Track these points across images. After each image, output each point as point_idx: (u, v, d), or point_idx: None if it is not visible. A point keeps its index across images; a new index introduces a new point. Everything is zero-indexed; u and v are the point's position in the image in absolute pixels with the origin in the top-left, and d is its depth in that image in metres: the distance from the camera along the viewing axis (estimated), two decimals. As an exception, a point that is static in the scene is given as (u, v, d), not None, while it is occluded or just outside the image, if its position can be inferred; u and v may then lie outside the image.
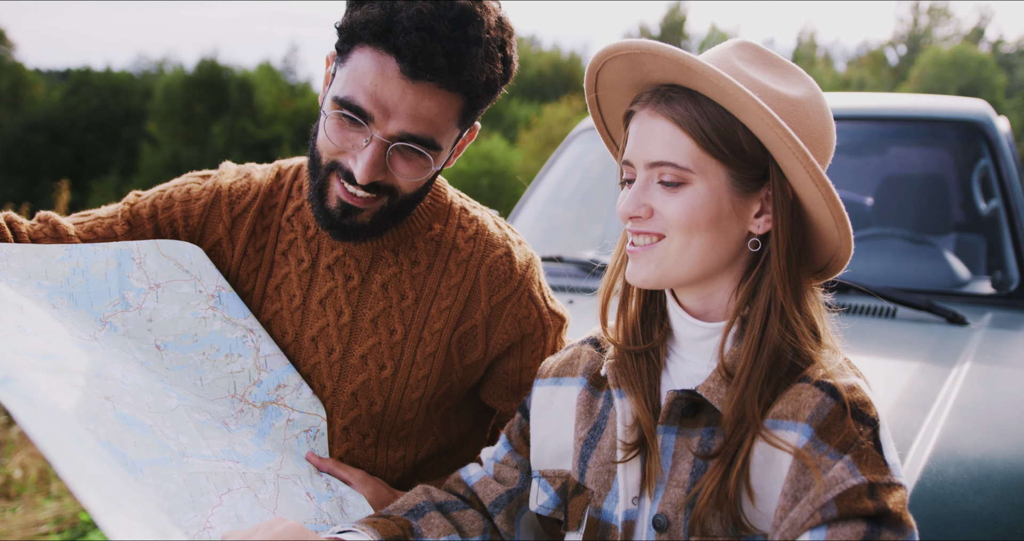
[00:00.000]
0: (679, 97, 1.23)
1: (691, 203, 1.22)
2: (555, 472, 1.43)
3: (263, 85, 39.79)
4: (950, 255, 3.22)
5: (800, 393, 1.20)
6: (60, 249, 1.51)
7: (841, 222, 1.21)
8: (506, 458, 1.53)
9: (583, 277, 3.17)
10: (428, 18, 1.36)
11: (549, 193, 3.77)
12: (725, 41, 1.33)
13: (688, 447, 1.26)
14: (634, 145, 1.27)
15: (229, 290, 1.58)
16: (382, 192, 1.48)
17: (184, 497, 1.32)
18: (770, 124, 1.17)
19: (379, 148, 1.42)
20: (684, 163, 1.22)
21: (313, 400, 1.59)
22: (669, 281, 1.28)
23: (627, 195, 1.27)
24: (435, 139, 1.44)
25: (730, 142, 1.21)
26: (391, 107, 1.39)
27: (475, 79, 1.41)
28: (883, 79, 49.02)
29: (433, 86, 1.39)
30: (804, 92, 1.27)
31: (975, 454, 1.79)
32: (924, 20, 56.27)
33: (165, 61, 46.86)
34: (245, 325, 1.57)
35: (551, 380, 1.49)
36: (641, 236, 1.27)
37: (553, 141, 31.11)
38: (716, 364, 1.28)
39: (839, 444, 1.15)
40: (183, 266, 1.55)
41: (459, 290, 1.62)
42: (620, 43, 1.25)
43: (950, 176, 3.63)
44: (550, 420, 1.46)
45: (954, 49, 46.37)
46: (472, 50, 1.39)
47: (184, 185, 1.67)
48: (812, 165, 1.17)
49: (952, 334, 2.51)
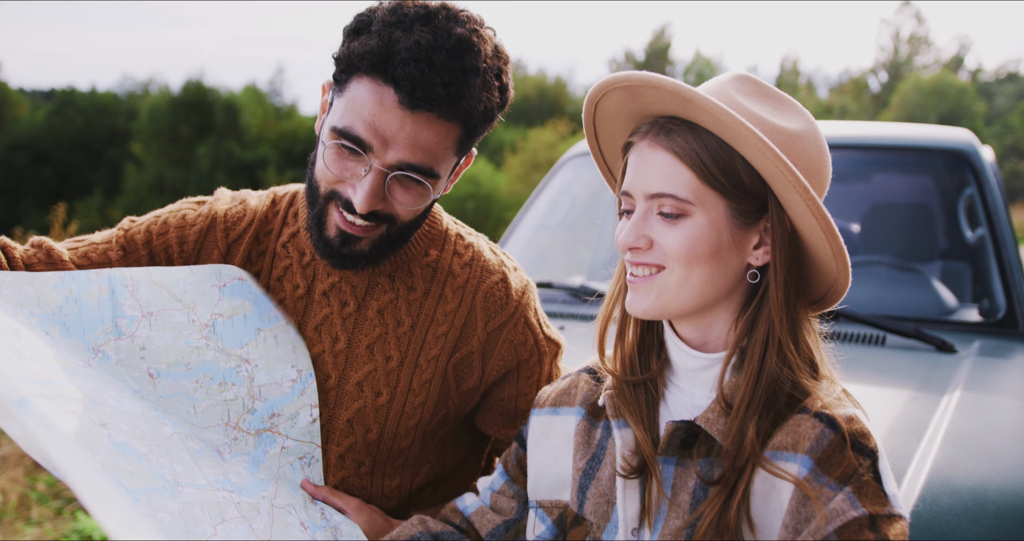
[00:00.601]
0: (679, 129, 1.24)
1: (691, 235, 1.23)
2: (552, 502, 1.42)
3: (249, 107, 39.78)
4: (937, 282, 3.24)
5: (799, 424, 1.21)
6: (53, 277, 1.49)
7: (839, 254, 1.22)
8: (503, 488, 1.52)
9: (573, 303, 3.17)
10: (426, 49, 1.37)
11: (539, 219, 3.78)
12: (722, 74, 1.34)
13: (687, 478, 1.26)
14: (633, 176, 1.28)
15: (227, 317, 1.56)
16: (381, 221, 1.49)
17: (179, 527, 1.30)
18: (770, 157, 1.18)
19: (378, 177, 1.43)
20: (684, 195, 1.23)
21: (308, 428, 1.58)
22: (669, 312, 1.28)
23: (626, 226, 1.28)
24: (433, 168, 1.45)
25: (730, 174, 1.22)
26: (390, 137, 1.40)
27: (473, 108, 1.42)
28: (865, 106, 49.58)
29: (431, 116, 1.40)
30: (801, 125, 1.28)
31: (969, 483, 1.79)
32: (905, 48, 57.06)
33: (151, 82, 46.83)
34: (240, 355, 1.55)
35: (548, 410, 1.48)
36: (641, 267, 1.28)
37: (538, 165, 31.22)
38: (715, 395, 1.28)
39: (839, 476, 1.15)
40: (176, 295, 1.54)
41: (455, 316, 1.62)
42: (621, 75, 1.26)
43: (935, 204, 3.66)
44: (547, 450, 1.45)
45: (934, 77, 47.00)
46: (470, 80, 1.40)
47: (179, 211, 1.67)
48: (812, 198, 1.18)
49: (941, 362, 2.53)
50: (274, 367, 1.57)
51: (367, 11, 1.46)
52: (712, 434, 1.24)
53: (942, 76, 46.99)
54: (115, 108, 42.52)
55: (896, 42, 57.11)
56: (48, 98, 49.41)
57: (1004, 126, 45.13)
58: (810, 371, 1.26)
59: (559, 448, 1.44)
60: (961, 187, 3.46)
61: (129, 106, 42.58)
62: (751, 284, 1.29)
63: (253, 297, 1.57)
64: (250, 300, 1.56)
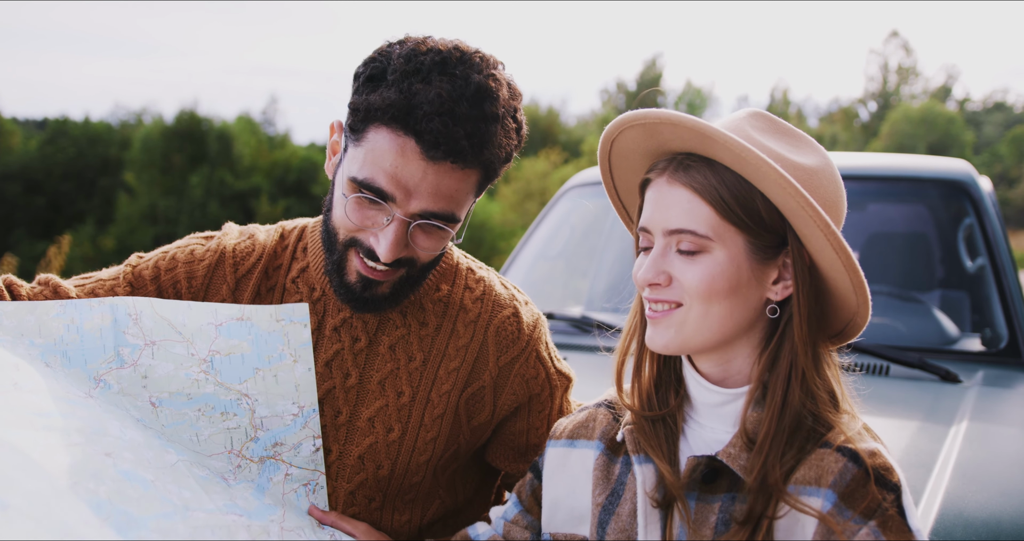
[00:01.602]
0: (697, 165, 1.24)
1: (710, 271, 1.23)
2: (567, 536, 1.41)
3: (242, 136, 39.87)
4: (938, 312, 3.25)
5: (822, 458, 1.20)
6: (55, 305, 1.48)
7: (860, 288, 1.22)
8: (516, 518, 1.51)
9: (575, 334, 3.16)
10: (448, 101, 1.37)
11: (538, 249, 3.79)
12: (737, 112, 1.35)
13: (709, 513, 1.25)
14: (652, 212, 1.28)
15: (224, 355, 1.54)
16: (402, 265, 1.49)
17: None
18: (791, 193, 1.18)
19: (401, 227, 1.43)
20: (703, 231, 1.23)
21: (312, 457, 1.57)
22: (689, 348, 1.28)
23: (645, 262, 1.27)
24: (455, 213, 1.46)
25: (749, 210, 1.23)
26: (412, 187, 1.40)
27: (495, 155, 1.44)
28: (855, 135, 50.03)
29: (454, 166, 1.40)
30: (817, 161, 1.29)
31: (982, 515, 1.78)
32: (893, 78, 57.68)
33: (144, 111, 46.89)
34: (240, 390, 1.54)
35: (565, 442, 1.47)
36: (660, 303, 1.27)
37: (531, 194, 31.35)
38: (735, 429, 1.28)
39: (863, 510, 1.15)
40: (176, 327, 1.53)
41: (467, 351, 1.61)
42: (639, 112, 1.27)
43: (932, 234, 3.68)
44: (564, 482, 1.44)
45: (923, 106, 47.50)
46: (491, 128, 1.41)
47: (187, 246, 1.66)
48: (832, 232, 1.19)
49: (946, 392, 2.52)
50: (275, 403, 1.56)
51: (379, 57, 1.44)
52: (735, 469, 1.23)
53: (930, 106, 47.50)
54: (108, 137, 42.56)
55: (884, 72, 57.76)
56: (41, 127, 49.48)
57: (992, 155, 45.58)
58: (831, 405, 1.25)
59: (576, 481, 1.42)
60: (959, 217, 3.47)
61: (122, 135, 42.63)
62: (771, 318, 1.28)
63: (253, 338, 1.54)
64: (248, 341, 1.54)
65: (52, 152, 40.74)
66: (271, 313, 1.55)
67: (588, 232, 4.03)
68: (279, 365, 1.55)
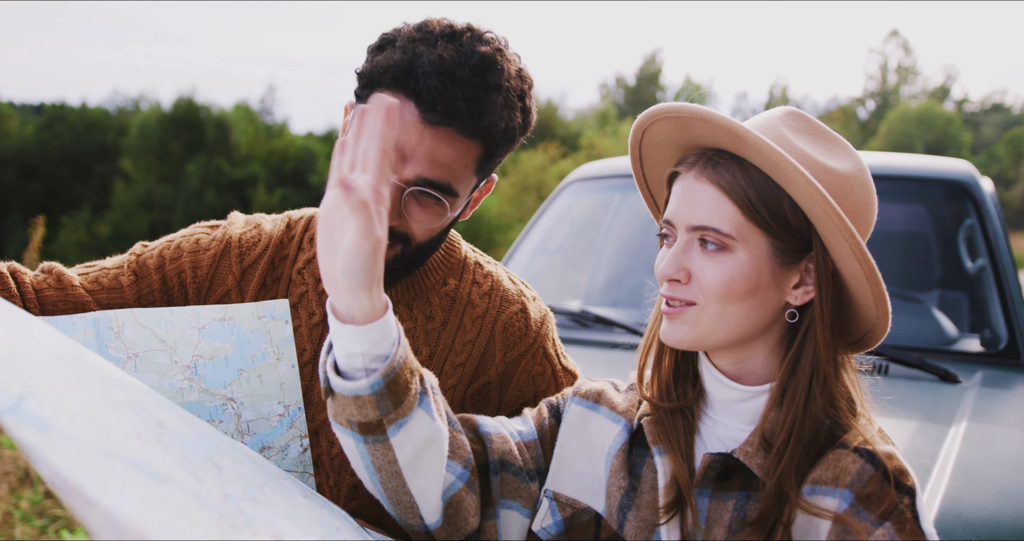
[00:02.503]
0: (727, 163, 1.23)
1: (730, 271, 1.22)
2: (570, 501, 1.39)
3: (239, 124, 39.78)
4: (938, 312, 3.25)
5: (839, 459, 1.20)
6: (38, 321, 1.46)
7: (881, 300, 1.22)
8: (530, 444, 1.43)
9: (574, 328, 3.16)
10: (449, 64, 1.37)
11: (538, 243, 3.78)
12: (774, 109, 1.33)
13: (723, 512, 1.25)
14: (677, 206, 1.27)
15: (208, 359, 1.51)
16: (396, 239, 1.47)
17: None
18: (818, 200, 1.17)
19: (395, 192, 1.41)
20: (727, 230, 1.21)
21: (300, 458, 1.56)
22: (705, 345, 1.27)
23: (667, 256, 1.26)
24: (452, 185, 1.43)
25: (775, 213, 1.21)
26: (408, 152, 1.39)
27: (494, 126, 1.41)
28: (853, 134, 50.04)
29: (452, 131, 1.39)
30: (850, 166, 1.27)
31: (981, 516, 1.78)
32: (892, 78, 57.71)
33: (141, 98, 46.75)
34: (224, 394, 1.52)
35: (589, 403, 1.44)
36: (675, 300, 1.27)
37: (529, 188, 31.35)
38: (750, 427, 1.28)
39: (880, 512, 1.15)
40: (159, 335, 1.51)
41: (474, 346, 1.60)
42: (673, 105, 1.26)
43: (932, 234, 3.68)
44: (579, 446, 1.42)
45: (921, 106, 47.58)
46: (492, 97, 1.39)
47: (192, 235, 1.64)
48: (858, 244, 1.18)
49: (945, 392, 2.52)
50: (260, 404, 1.54)
51: (393, 30, 1.46)
52: (751, 468, 1.23)
53: (929, 106, 47.58)
54: (105, 124, 42.44)
55: (884, 71, 57.78)
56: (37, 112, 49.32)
57: (990, 156, 45.65)
58: (849, 410, 1.25)
59: (592, 451, 1.40)
60: (961, 218, 3.47)
61: (119, 122, 42.50)
62: (790, 322, 1.28)
63: (236, 338, 1.52)
64: (231, 341, 1.52)
65: (48, 137, 40.62)
66: (252, 311, 1.52)
67: (588, 226, 4.03)
68: (263, 364, 1.54)
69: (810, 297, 1.25)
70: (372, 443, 1.22)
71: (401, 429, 1.21)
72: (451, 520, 1.33)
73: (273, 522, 1.04)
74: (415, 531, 1.35)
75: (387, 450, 1.22)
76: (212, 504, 0.94)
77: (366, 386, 1.16)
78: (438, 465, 1.28)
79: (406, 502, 1.29)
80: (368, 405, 1.18)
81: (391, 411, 1.19)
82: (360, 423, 1.20)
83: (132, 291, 1.57)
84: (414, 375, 1.22)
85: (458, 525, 1.34)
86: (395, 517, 1.33)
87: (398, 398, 1.19)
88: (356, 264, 1.12)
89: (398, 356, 1.17)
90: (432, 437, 1.25)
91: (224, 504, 0.97)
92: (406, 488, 1.27)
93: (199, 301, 1.60)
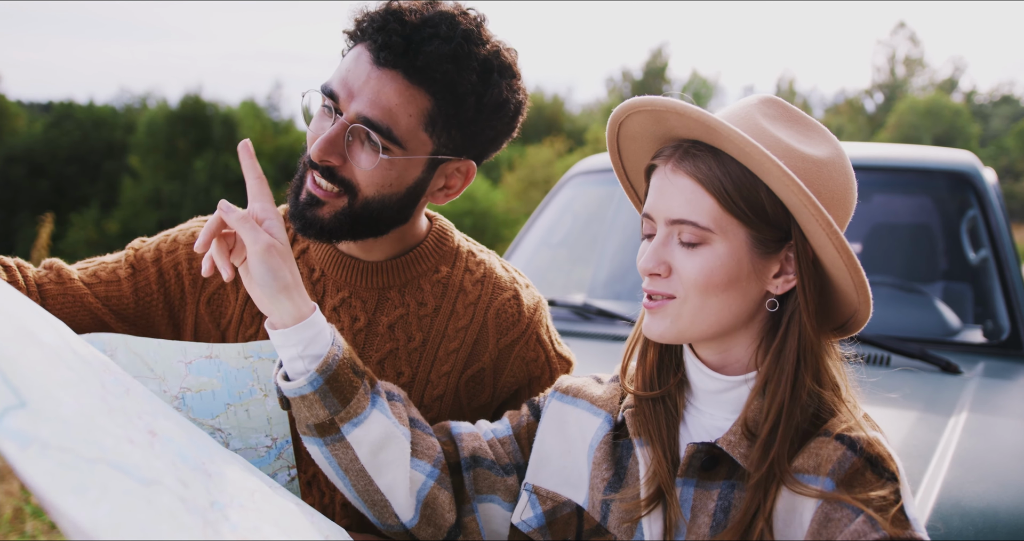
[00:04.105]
0: (703, 155, 1.23)
1: (710, 263, 1.22)
2: (550, 494, 1.40)
3: (246, 121, 39.80)
4: (940, 303, 3.25)
5: (821, 447, 1.20)
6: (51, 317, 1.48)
7: (861, 287, 1.22)
8: (504, 440, 1.47)
9: (576, 321, 3.17)
10: (406, 12, 1.44)
11: (541, 236, 3.79)
12: (749, 97, 1.33)
13: (707, 500, 1.25)
14: (655, 200, 1.27)
15: (195, 391, 1.53)
16: (340, 185, 1.48)
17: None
18: (794, 190, 1.17)
19: (339, 128, 1.45)
20: (705, 222, 1.22)
21: (288, 487, 1.57)
22: (687, 337, 1.28)
23: (647, 251, 1.27)
24: (392, 129, 1.44)
25: (753, 204, 1.21)
26: (355, 89, 1.44)
27: (437, 74, 1.42)
28: (861, 126, 49.86)
29: (396, 74, 1.43)
30: (827, 152, 1.27)
31: (979, 505, 1.78)
32: (900, 70, 57.44)
33: (149, 96, 46.85)
34: (212, 424, 1.53)
35: (569, 398, 1.46)
36: (655, 295, 1.27)
37: (535, 182, 31.31)
38: (734, 416, 1.28)
39: (862, 499, 1.15)
40: (148, 364, 1.51)
41: (467, 333, 1.62)
42: (646, 99, 1.26)
43: (936, 225, 3.68)
44: (558, 440, 1.43)
45: (929, 98, 47.32)
46: (434, 43, 1.42)
47: (188, 229, 1.67)
48: (835, 232, 1.18)
49: (946, 383, 2.52)
50: (248, 436, 1.55)
51: None
52: (735, 457, 1.23)
53: (937, 98, 47.33)
54: (113, 121, 42.55)
55: (892, 63, 57.51)
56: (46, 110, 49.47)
57: (998, 147, 45.41)
58: (835, 396, 1.26)
59: (572, 445, 1.41)
60: (963, 209, 3.47)
61: (127, 119, 42.60)
62: (771, 311, 1.28)
63: (222, 375, 1.53)
64: (218, 378, 1.53)
65: (57, 135, 40.72)
66: (239, 351, 1.53)
67: (591, 220, 4.03)
68: (250, 400, 1.54)
69: (791, 286, 1.26)
70: (331, 444, 1.32)
71: (356, 428, 1.32)
72: (429, 519, 1.39)
73: (259, 529, 1.06)
74: (395, 532, 1.40)
75: (346, 448, 1.32)
76: (198, 509, 0.96)
77: (305, 383, 1.29)
78: (402, 461, 1.36)
79: (378, 500, 1.36)
80: (315, 404, 1.30)
81: (340, 409, 1.31)
82: (315, 425, 1.31)
83: (129, 283, 1.59)
84: (361, 376, 1.34)
85: (436, 523, 1.39)
86: (374, 522, 1.40)
87: (343, 396, 1.30)
88: (259, 271, 1.28)
89: (332, 354, 1.30)
90: (389, 433, 1.34)
91: (210, 511, 0.99)
92: (374, 485, 1.35)
93: (195, 292, 1.62)
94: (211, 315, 1.62)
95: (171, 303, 1.62)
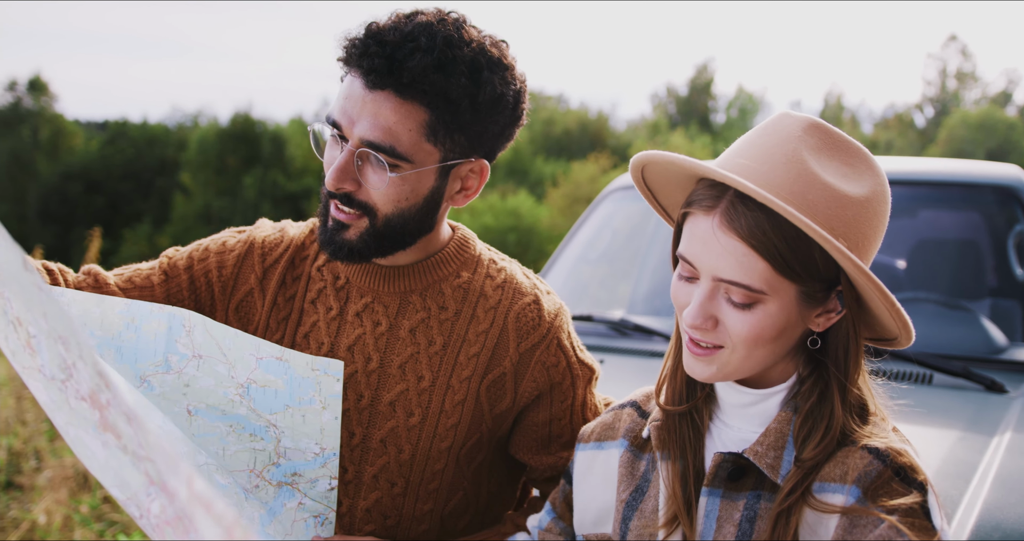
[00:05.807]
0: (753, 214, 1.17)
1: (761, 323, 1.20)
2: (598, 536, 1.42)
3: (295, 138, 40.45)
4: (986, 321, 3.17)
5: (848, 456, 1.20)
6: (120, 302, 1.56)
7: (904, 330, 1.23)
8: (550, 525, 1.52)
9: (614, 337, 3.16)
10: (382, 30, 1.47)
11: (579, 252, 3.78)
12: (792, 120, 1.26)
13: (733, 511, 1.25)
14: (699, 252, 1.21)
15: (260, 385, 1.58)
16: (358, 207, 1.52)
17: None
18: (845, 256, 1.16)
19: (347, 156, 1.49)
20: (758, 286, 1.18)
21: (327, 494, 1.61)
22: (731, 379, 1.29)
23: (692, 306, 1.23)
24: (395, 147, 1.47)
25: (806, 263, 1.18)
26: (354, 116, 1.47)
27: (423, 86, 1.44)
28: (911, 141, 49.11)
29: (388, 93, 1.45)
30: (869, 186, 1.23)
31: (1021, 527, 1.74)
32: (952, 83, 56.52)
33: (200, 114, 47.92)
34: (269, 419, 1.59)
35: (593, 445, 1.48)
36: (703, 342, 1.25)
37: (580, 198, 31.32)
38: (761, 430, 1.28)
39: (888, 507, 1.14)
40: (222, 348, 1.58)
41: (487, 337, 1.63)
42: (668, 156, 1.25)
43: (984, 241, 3.60)
44: (592, 484, 1.45)
45: (982, 112, 46.49)
46: (416, 56, 1.44)
47: (220, 238, 1.73)
48: (880, 288, 1.18)
49: (991, 402, 2.47)
50: (299, 438, 1.60)
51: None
52: (761, 467, 1.23)
53: (990, 111, 46.47)
54: (165, 139, 43.56)
55: (943, 77, 56.62)
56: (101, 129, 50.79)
57: (1055, 162, 44.36)
58: (860, 409, 1.26)
59: (605, 481, 1.43)
60: (1011, 223, 3.40)
61: (179, 137, 43.58)
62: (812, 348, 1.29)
63: (288, 378, 1.58)
64: (284, 380, 1.58)
65: (112, 153, 41.78)
66: (308, 362, 1.58)
67: (631, 236, 4.02)
68: (308, 408, 1.59)
69: (831, 323, 1.25)
70: None
71: None
72: None
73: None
74: None
75: None
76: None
77: None
78: None
79: None
80: None
81: None
82: None
83: (162, 289, 1.66)
84: None
85: None
86: None
87: None
88: None
89: None
90: None
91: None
92: None
93: (224, 298, 1.68)
94: (239, 321, 1.68)
95: (201, 309, 1.68)
